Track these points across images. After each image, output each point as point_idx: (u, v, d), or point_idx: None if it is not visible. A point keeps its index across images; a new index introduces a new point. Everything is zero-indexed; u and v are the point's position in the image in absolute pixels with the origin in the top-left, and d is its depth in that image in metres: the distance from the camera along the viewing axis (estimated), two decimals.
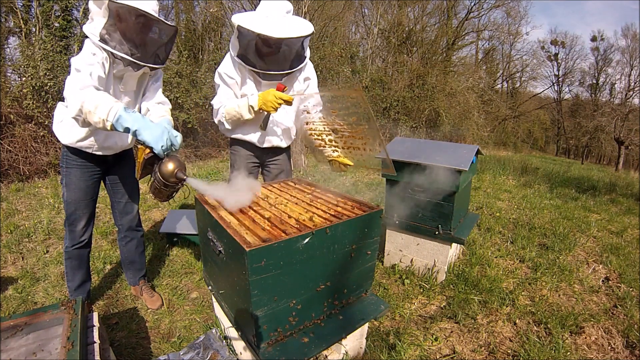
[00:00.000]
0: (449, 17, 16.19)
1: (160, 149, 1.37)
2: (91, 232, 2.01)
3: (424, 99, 12.36)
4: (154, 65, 1.66)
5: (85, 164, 1.83)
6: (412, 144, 2.52)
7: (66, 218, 1.91)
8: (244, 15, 1.78)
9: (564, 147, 25.28)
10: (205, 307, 2.19)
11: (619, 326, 2.03)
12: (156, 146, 1.37)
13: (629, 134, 16.40)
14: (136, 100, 1.82)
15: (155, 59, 1.66)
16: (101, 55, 1.56)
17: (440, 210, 2.28)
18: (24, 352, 1.21)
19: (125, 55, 1.55)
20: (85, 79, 1.47)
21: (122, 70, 1.64)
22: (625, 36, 19.91)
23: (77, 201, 1.86)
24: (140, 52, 1.58)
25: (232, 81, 1.89)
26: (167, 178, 1.41)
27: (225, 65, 1.90)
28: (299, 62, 1.88)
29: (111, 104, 1.36)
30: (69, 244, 1.94)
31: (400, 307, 2.17)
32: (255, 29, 1.68)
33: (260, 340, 1.30)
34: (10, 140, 5.23)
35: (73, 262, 1.98)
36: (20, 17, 6.34)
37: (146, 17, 1.53)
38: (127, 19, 1.51)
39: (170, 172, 1.40)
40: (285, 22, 1.77)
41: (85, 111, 1.39)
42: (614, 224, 3.68)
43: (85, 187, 1.87)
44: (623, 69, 20.25)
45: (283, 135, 2.08)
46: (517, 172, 6.27)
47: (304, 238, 1.26)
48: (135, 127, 1.35)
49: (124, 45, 1.54)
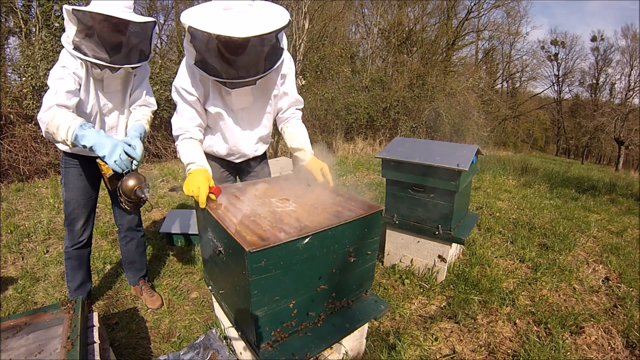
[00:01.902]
0: (449, 17, 16.19)
1: (114, 164, 1.41)
2: (91, 232, 2.00)
3: (424, 99, 12.35)
4: (133, 64, 1.63)
5: (84, 163, 1.84)
6: (412, 144, 2.52)
7: (65, 218, 1.91)
8: (195, 13, 1.36)
9: (564, 147, 25.27)
10: (205, 307, 2.19)
11: (619, 326, 2.03)
12: (109, 162, 1.40)
13: (629, 134, 16.40)
14: (124, 100, 1.81)
15: (132, 57, 1.62)
16: (74, 64, 1.55)
17: (440, 210, 2.28)
18: (24, 352, 1.21)
19: (99, 61, 1.53)
20: (51, 98, 1.48)
21: (101, 73, 1.63)
22: (625, 36, 19.91)
23: (75, 200, 1.86)
24: (114, 54, 1.56)
25: (193, 98, 1.53)
26: (128, 195, 1.49)
27: (182, 77, 1.52)
28: (275, 60, 1.49)
29: (69, 123, 1.40)
30: (69, 244, 1.94)
31: (400, 307, 2.17)
32: (212, 29, 1.27)
33: (260, 340, 1.30)
34: (10, 140, 5.23)
35: (73, 262, 1.98)
36: (20, 17, 6.34)
37: (113, 20, 1.50)
38: (94, 25, 1.49)
39: (130, 189, 1.47)
40: (252, 15, 1.37)
41: (50, 133, 1.45)
42: (614, 224, 3.68)
43: (84, 186, 1.87)
44: (623, 69, 20.26)
45: (257, 144, 1.82)
46: (517, 172, 6.27)
47: (304, 238, 1.26)
48: (91, 143, 1.39)
49: (97, 51, 1.52)
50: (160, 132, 7.12)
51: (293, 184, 1.86)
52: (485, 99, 16.04)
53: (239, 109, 1.67)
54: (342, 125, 11.12)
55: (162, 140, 7.11)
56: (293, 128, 1.79)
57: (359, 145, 10.79)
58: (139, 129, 1.69)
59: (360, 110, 11.08)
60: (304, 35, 5.85)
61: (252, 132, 1.75)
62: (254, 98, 1.66)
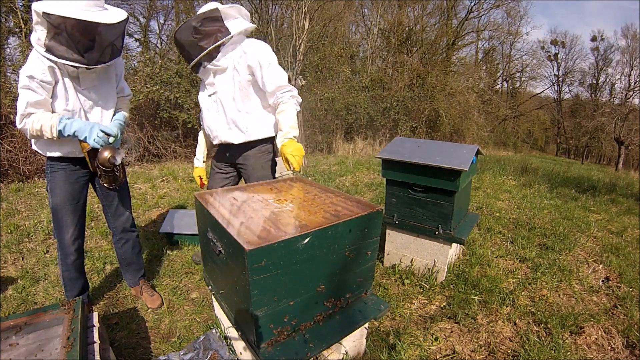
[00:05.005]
0: (449, 17, 16.19)
1: (94, 142, 1.63)
2: (81, 243, 1.95)
3: (424, 99, 12.35)
4: (107, 62, 1.63)
5: (70, 166, 1.81)
6: (412, 144, 2.52)
7: (54, 227, 1.86)
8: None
9: (564, 147, 25.27)
10: (205, 307, 2.19)
11: (619, 326, 2.03)
12: (90, 142, 1.63)
13: (629, 134, 16.39)
14: (106, 95, 1.79)
15: (106, 55, 1.62)
16: (40, 70, 1.54)
17: (440, 210, 2.28)
18: (24, 352, 1.21)
19: (73, 62, 1.52)
20: (21, 106, 1.57)
21: (75, 70, 1.62)
22: (625, 36, 19.91)
23: (63, 205, 1.81)
24: (88, 54, 1.55)
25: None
26: (103, 164, 1.69)
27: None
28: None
29: (49, 122, 1.56)
30: (62, 256, 1.91)
31: (400, 307, 2.17)
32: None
33: (260, 340, 1.30)
34: (10, 140, 5.23)
35: (71, 274, 1.96)
36: (20, 17, 6.34)
37: (85, 23, 1.48)
38: (66, 27, 1.47)
39: (105, 158, 1.67)
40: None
41: (35, 135, 1.60)
42: (614, 224, 3.68)
43: (72, 190, 1.83)
44: (623, 69, 20.26)
45: (232, 128, 1.96)
46: (517, 172, 6.27)
47: (304, 238, 1.26)
48: (73, 130, 1.60)
49: (70, 52, 1.51)
50: (160, 132, 7.12)
51: (294, 185, 1.86)
52: (485, 99, 16.05)
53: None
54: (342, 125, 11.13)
55: (162, 141, 7.11)
56: (277, 114, 1.91)
57: (359, 145, 10.79)
58: (119, 117, 1.87)
59: (360, 110, 11.08)
60: (304, 35, 5.85)
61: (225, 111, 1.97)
62: None
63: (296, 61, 6.00)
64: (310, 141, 10.17)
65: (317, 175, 5.80)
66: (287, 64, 6.07)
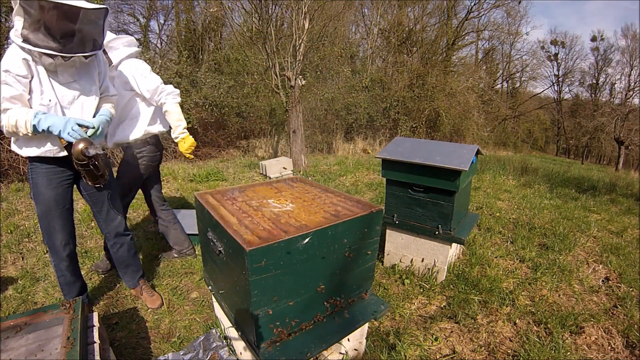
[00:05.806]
0: (449, 17, 16.18)
1: (68, 136, 1.58)
2: (73, 247, 1.92)
3: (424, 99, 12.36)
4: (86, 53, 1.61)
5: (52, 169, 1.76)
6: (412, 144, 2.52)
7: (43, 235, 1.83)
8: None
9: (564, 147, 25.28)
10: (205, 307, 2.19)
11: (619, 326, 2.03)
12: (64, 136, 1.58)
13: (629, 134, 16.38)
14: (85, 89, 1.75)
15: (85, 46, 1.60)
16: (17, 65, 1.52)
17: (440, 210, 2.28)
18: (24, 352, 1.21)
19: (49, 50, 1.50)
20: None
21: (53, 62, 1.59)
22: (625, 36, 19.90)
23: (48, 212, 1.77)
24: (66, 42, 1.52)
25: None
26: (77, 157, 1.62)
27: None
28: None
29: (24, 117, 1.53)
30: (55, 262, 1.89)
31: (400, 307, 2.17)
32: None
33: (260, 340, 1.30)
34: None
35: (67, 278, 1.95)
36: None
37: (63, 8, 1.46)
38: (43, 13, 1.45)
39: (78, 150, 1.60)
40: None
41: (11, 132, 1.57)
42: (614, 224, 3.68)
43: (55, 195, 1.77)
44: (623, 69, 20.24)
45: None
46: (517, 172, 6.27)
47: (304, 238, 1.26)
48: (47, 125, 1.56)
49: (47, 40, 1.49)
50: None
51: (294, 185, 1.86)
52: (485, 99, 16.06)
53: None
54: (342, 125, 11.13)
55: (162, 141, 7.11)
56: None
57: (359, 145, 10.80)
58: (103, 112, 1.82)
59: (360, 110, 11.09)
60: (304, 35, 5.84)
61: None
62: None
63: (296, 61, 5.99)
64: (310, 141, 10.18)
65: (317, 175, 5.80)
66: (287, 64, 6.06)
